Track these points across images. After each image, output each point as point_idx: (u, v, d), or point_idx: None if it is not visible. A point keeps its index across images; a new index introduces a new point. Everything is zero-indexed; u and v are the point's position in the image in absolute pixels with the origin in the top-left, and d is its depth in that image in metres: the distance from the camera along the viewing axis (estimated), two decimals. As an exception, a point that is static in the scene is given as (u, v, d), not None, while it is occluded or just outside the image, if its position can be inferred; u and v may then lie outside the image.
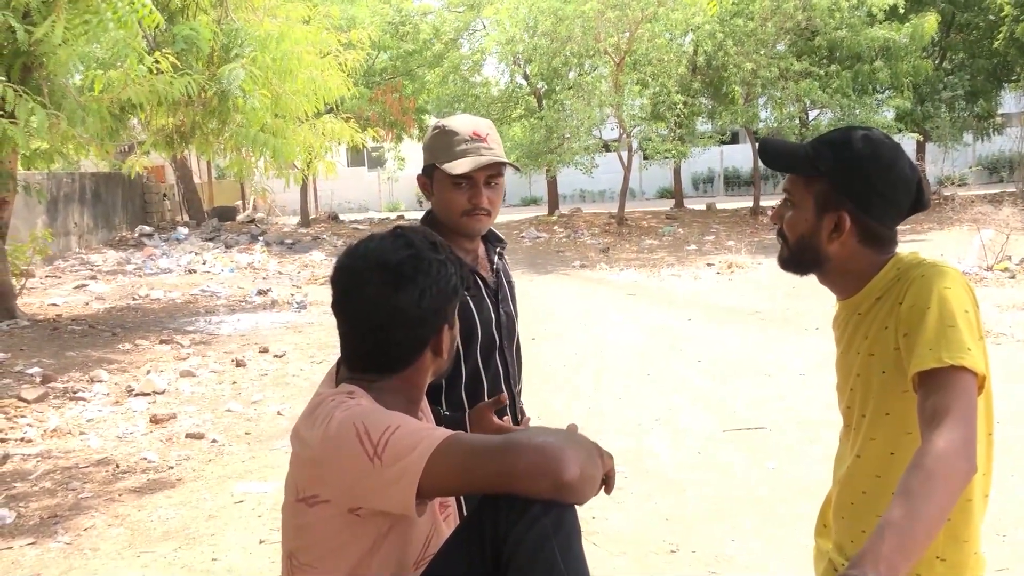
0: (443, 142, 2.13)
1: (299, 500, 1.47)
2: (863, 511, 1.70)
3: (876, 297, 1.67)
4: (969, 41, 23.32)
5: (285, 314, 11.46)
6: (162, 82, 8.33)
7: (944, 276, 1.55)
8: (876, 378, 1.65)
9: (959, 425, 1.38)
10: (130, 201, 21.43)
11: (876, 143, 1.64)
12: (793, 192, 1.69)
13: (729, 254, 15.91)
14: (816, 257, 1.68)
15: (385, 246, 1.49)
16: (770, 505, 4.60)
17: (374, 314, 1.46)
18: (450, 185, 2.11)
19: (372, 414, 1.39)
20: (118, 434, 6.24)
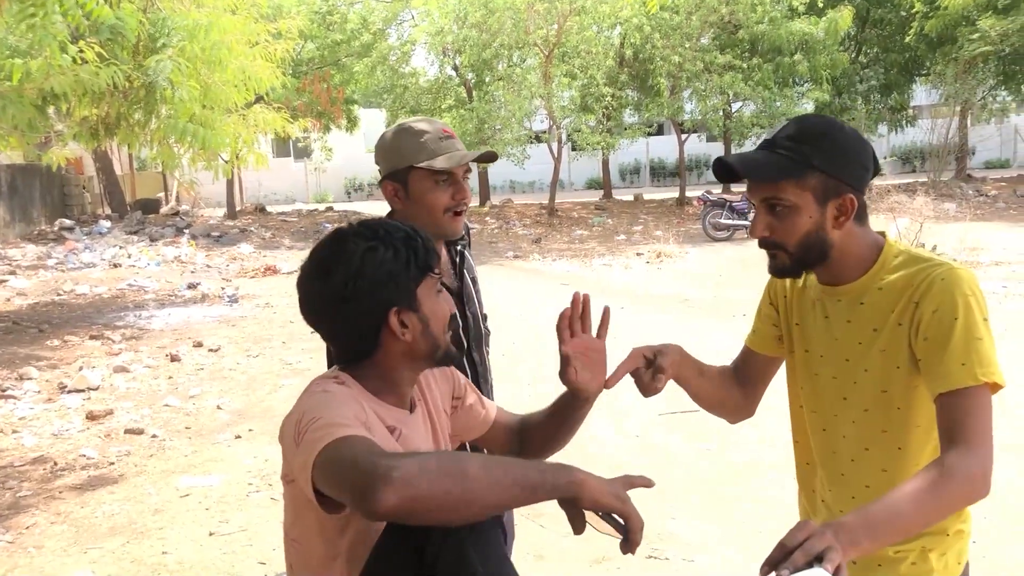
0: (415, 143, 2.11)
1: (282, 477, 1.52)
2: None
3: (879, 287, 1.68)
4: (883, 36, 24.21)
5: (217, 308, 11.31)
6: (87, 72, 8.14)
7: (962, 281, 1.57)
8: (889, 373, 1.67)
9: (979, 452, 1.46)
10: (48, 194, 20.75)
11: (835, 123, 1.71)
12: (783, 196, 1.65)
13: (657, 244, 16.25)
14: (824, 250, 1.68)
15: (321, 242, 1.55)
16: (708, 484, 4.80)
17: (313, 308, 1.52)
18: (432, 184, 2.10)
19: (319, 404, 1.41)
20: (53, 431, 6.13)
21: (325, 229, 20.43)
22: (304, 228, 20.82)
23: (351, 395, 1.48)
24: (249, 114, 11.79)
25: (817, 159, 1.64)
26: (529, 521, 4.38)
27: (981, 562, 3.81)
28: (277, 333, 9.50)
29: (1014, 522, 4.17)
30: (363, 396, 1.51)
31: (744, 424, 2.17)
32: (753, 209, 1.77)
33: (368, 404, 1.50)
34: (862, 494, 1.74)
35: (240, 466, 5.39)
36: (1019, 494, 4.48)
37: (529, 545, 4.11)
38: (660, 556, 3.96)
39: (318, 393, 1.46)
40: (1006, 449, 5.07)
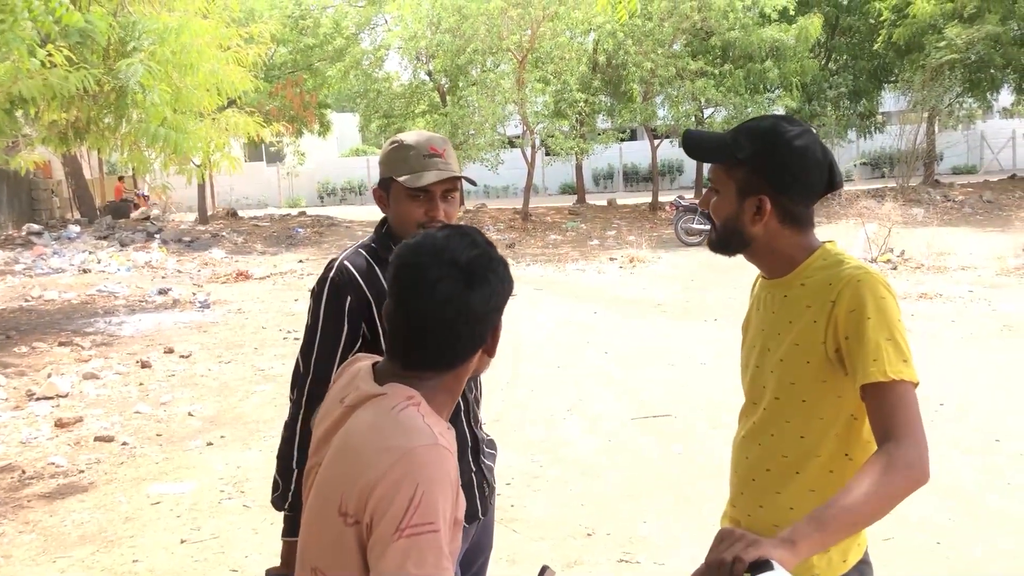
0: (400, 156, 2.20)
1: (341, 514, 1.37)
2: (764, 487, 1.79)
3: (802, 283, 1.75)
4: (852, 43, 24.50)
5: (188, 313, 11.23)
6: (56, 76, 8.07)
7: (876, 284, 1.65)
8: (799, 366, 1.72)
9: (912, 440, 1.53)
10: (16, 198, 20.52)
11: (790, 129, 1.74)
12: (716, 180, 1.78)
13: (631, 248, 16.35)
14: (741, 239, 1.77)
15: (453, 244, 1.45)
16: (679, 487, 4.84)
17: (445, 311, 1.42)
18: (406, 198, 2.18)
19: (437, 489, 1.33)
20: (21, 439, 6.06)
21: (298, 234, 20.33)
22: (276, 233, 20.71)
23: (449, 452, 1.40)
24: (221, 118, 11.72)
25: (744, 154, 1.72)
26: (502, 526, 4.41)
27: (944, 563, 3.88)
28: (249, 339, 9.45)
29: (979, 524, 4.24)
30: (439, 426, 1.43)
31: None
32: None
33: (443, 435, 1.42)
34: (762, 477, 1.80)
35: (212, 473, 5.36)
36: (983, 495, 4.56)
37: (502, 550, 4.13)
38: (632, 560, 4.00)
39: (432, 451, 1.35)
40: (969, 452, 5.16)
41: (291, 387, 2.24)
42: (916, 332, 8.45)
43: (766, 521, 1.77)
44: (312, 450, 1.55)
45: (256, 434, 6.09)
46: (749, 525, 1.81)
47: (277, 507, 2.19)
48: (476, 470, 2.31)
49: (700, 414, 6.11)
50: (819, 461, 1.73)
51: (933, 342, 8.10)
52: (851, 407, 1.69)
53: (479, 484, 2.31)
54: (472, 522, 2.27)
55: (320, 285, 2.19)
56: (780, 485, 1.77)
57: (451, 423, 2.24)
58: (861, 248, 12.87)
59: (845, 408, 1.70)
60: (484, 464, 2.37)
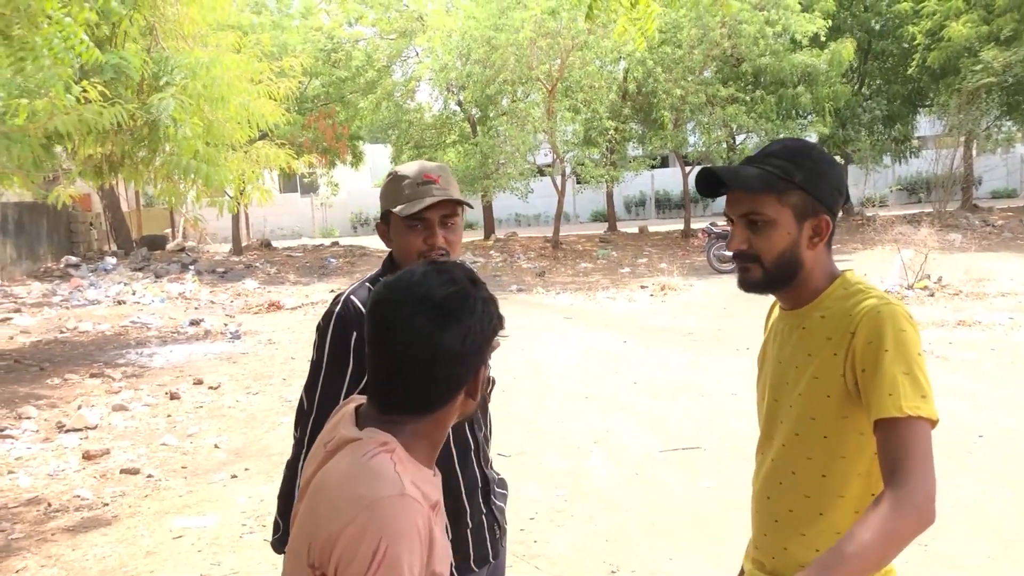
0: (395, 188, 2.16)
1: (309, 565, 1.32)
2: (788, 529, 1.73)
3: (821, 315, 1.70)
4: (885, 68, 24.31)
5: (219, 344, 11.29)
6: (91, 112, 8.21)
7: (897, 316, 1.59)
8: (819, 401, 1.67)
9: (920, 480, 1.47)
10: (55, 231, 20.89)
11: (815, 145, 1.73)
12: (763, 211, 1.68)
13: (662, 276, 16.22)
14: (795, 269, 1.70)
15: (429, 281, 1.39)
16: (707, 523, 4.72)
17: (418, 351, 1.36)
18: (404, 228, 2.13)
19: (404, 544, 1.26)
20: (49, 472, 6.08)
21: (330, 264, 20.48)
22: (309, 263, 20.87)
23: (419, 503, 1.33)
24: (252, 150, 11.86)
25: (799, 176, 1.67)
26: (524, 563, 4.32)
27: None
28: (278, 370, 9.46)
29: (1020, 561, 4.07)
30: (412, 468, 1.37)
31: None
32: (731, 222, 1.77)
33: (416, 481, 1.36)
34: (785, 518, 1.74)
35: (235, 506, 5.33)
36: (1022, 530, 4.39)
37: (523, 587, 4.04)
38: (656, 598, 3.89)
39: (398, 503, 1.29)
40: (1010, 484, 4.98)
41: (295, 425, 2.20)
42: (954, 360, 8.25)
43: (792, 564, 1.70)
44: (299, 495, 1.50)
45: (280, 466, 5.99)
46: (774, 568, 1.75)
47: (277, 550, 2.14)
48: (487, 512, 2.23)
49: (730, 447, 5.98)
50: (844, 502, 1.67)
51: (972, 371, 7.88)
52: (874, 445, 1.61)
53: (489, 526, 2.23)
54: (482, 566, 2.20)
55: (326, 320, 2.15)
56: (804, 526, 1.70)
57: (461, 464, 2.19)
58: (897, 275, 12.64)
59: (868, 446, 1.63)
60: (495, 505, 2.28)
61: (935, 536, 4.18)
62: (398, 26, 23.09)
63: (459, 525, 2.15)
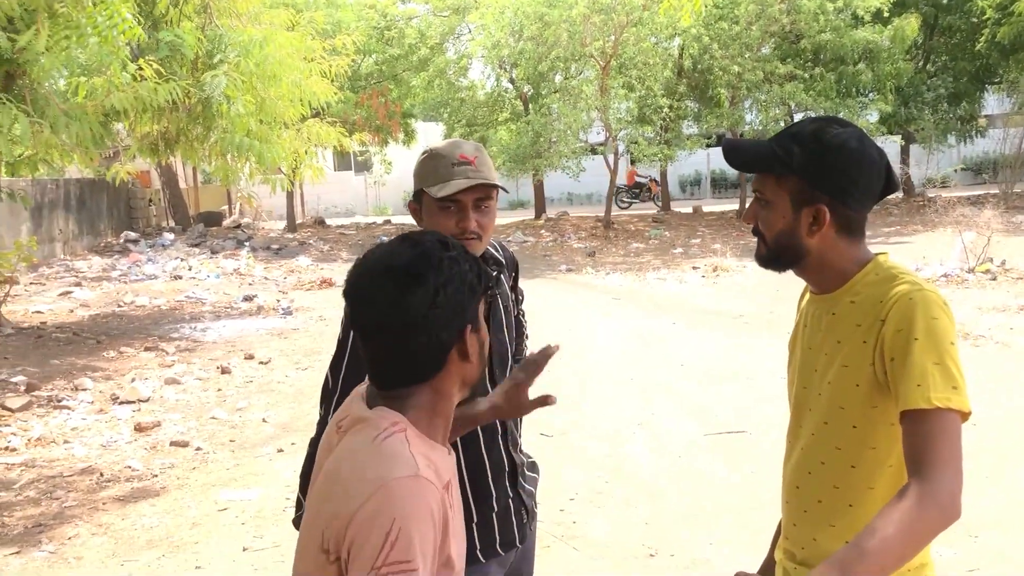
0: (429, 167, 2.10)
1: (323, 551, 1.31)
2: (818, 519, 1.69)
3: (851, 300, 1.64)
4: (951, 44, 23.52)
5: (271, 320, 11.46)
6: (146, 89, 8.35)
7: (930, 303, 1.53)
8: (848, 390, 1.62)
9: (947, 473, 1.41)
10: (115, 207, 21.38)
11: (840, 131, 1.63)
12: (764, 190, 1.66)
13: (714, 257, 15.99)
14: (797, 253, 1.66)
15: (391, 249, 1.41)
16: (748, 509, 4.65)
17: (388, 321, 1.35)
18: (437, 209, 2.07)
19: (415, 525, 1.25)
20: (102, 442, 6.24)
21: (382, 242, 20.61)
22: (362, 241, 21.05)
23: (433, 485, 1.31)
24: (304, 128, 11.96)
25: (798, 162, 1.60)
26: (562, 544, 4.31)
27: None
28: (328, 346, 9.50)
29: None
30: (424, 447, 1.36)
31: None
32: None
33: (430, 460, 1.35)
34: (814, 508, 1.70)
35: (280, 481, 5.41)
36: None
37: (560, 568, 4.04)
38: (694, 584, 3.85)
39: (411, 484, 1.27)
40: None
41: (320, 403, 2.18)
42: (1016, 347, 7.99)
43: (822, 554, 1.63)
44: (313, 476, 1.49)
45: (325, 442, 6.13)
46: (804, 559, 1.71)
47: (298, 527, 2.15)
48: (514, 495, 2.19)
49: (776, 432, 5.86)
50: (873, 493, 1.62)
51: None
52: None
53: (516, 510, 2.19)
54: (509, 550, 2.17)
55: None
56: (834, 518, 1.66)
57: (488, 447, 2.16)
58: (957, 258, 12.27)
59: (898, 437, 1.55)
60: (524, 488, 2.23)
61: (984, 527, 4.06)
62: (451, 3, 23.02)
63: (485, 509, 2.13)
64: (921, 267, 12.39)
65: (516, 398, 1.87)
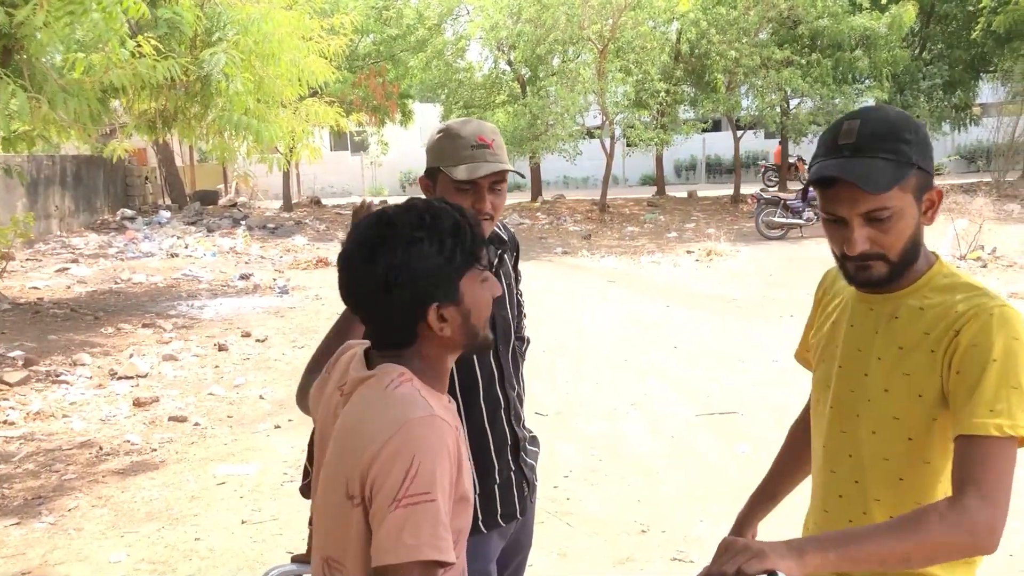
0: (449, 146, 2.13)
1: (348, 496, 1.37)
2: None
3: (919, 306, 1.53)
4: (948, 32, 23.53)
5: (267, 298, 11.51)
6: (144, 66, 8.34)
7: (1011, 321, 1.43)
8: (908, 400, 1.52)
9: (994, 503, 1.34)
10: (112, 184, 21.34)
11: (903, 113, 1.55)
12: (891, 204, 1.48)
13: (709, 241, 16.07)
14: (916, 252, 1.54)
15: (367, 222, 1.47)
16: (740, 488, 4.71)
17: (352, 292, 1.46)
18: (453, 190, 2.11)
19: (434, 460, 1.32)
20: (101, 417, 6.30)
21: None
22: (357, 221, 21.03)
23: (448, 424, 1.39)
24: (302, 107, 11.96)
25: (916, 155, 1.49)
26: (556, 519, 4.39)
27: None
28: (324, 324, 9.61)
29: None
30: (430, 394, 1.43)
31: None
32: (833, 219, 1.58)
33: (441, 404, 1.43)
34: (859, 520, 1.61)
35: (277, 456, 5.48)
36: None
37: (554, 543, 4.12)
38: (685, 559, 3.93)
39: (429, 422, 1.34)
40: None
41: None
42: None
43: None
44: (317, 443, 1.55)
45: (322, 419, 6.20)
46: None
47: (305, 495, 2.21)
48: (516, 469, 2.25)
49: (768, 413, 5.97)
50: None
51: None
52: None
53: (518, 483, 2.25)
54: (510, 522, 2.23)
55: None
56: None
57: (491, 421, 2.23)
58: (949, 244, 12.37)
59: None
60: (525, 462, 2.29)
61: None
62: (450, -16, 22.94)
63: (487, 481, 2.18)
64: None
65: None
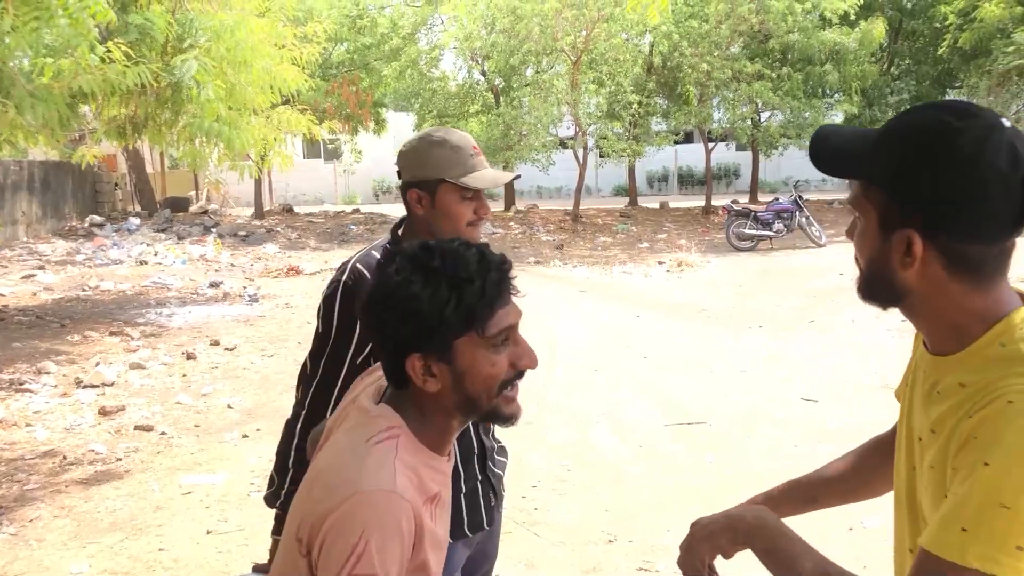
0: (452, 157, 2.14)
1: (297, 539, 1.35)
2: None
3: (960, 383, 1.17)
4: (915, 48, 23.95)
5: (237, 307, 11.43)
6: (114, 72, 8.28)
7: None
8: (933, 502, 1.19)
9: None
10: (80, 190, 21.11)
11: (955, 127, 1.13)
12: (855, 202, 1.24)
13: (680, 252, 16.18)
14: (892, 289, 1.22)
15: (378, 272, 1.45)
16: (707, 497, 4.76)
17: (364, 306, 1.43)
18: (459, 199, 2.14)
19: (384, 539, 1.28)
20: (65, 426, 6.22)
21: (351, 231, 20.58)
22: (330, 229, 20.97)
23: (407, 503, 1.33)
24: (274, 115, 11.92)
25: (879, 167, 1.18)
26: (523, 529, 4.39)
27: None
28: (294, 334, 9.57)
29: None
30: (416, 458, 1.39)
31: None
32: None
33: (416, 473, 1.38)
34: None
35: (244, 465, 5.44)
36: None
37: (521, 553, 4.12)
38: (651, 568, 3.95)
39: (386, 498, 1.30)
40: None
41: (297, 386, 2.23)
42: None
43: None
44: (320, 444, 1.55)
45: (291, 428, 6.16)
46: None
47: (269, 504, 2.20)
48: (482, 479, 2.24)
49: (736, 423, 6.02)
50: None
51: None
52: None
53: (485, 493, 2.24)
54: (477, 531, 2.22)
55: (332, 288, 2.11)
56: None
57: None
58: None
59: None
60: (492, 472, 2.28)
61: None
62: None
63: (454, 490, 2.19)
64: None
65: None
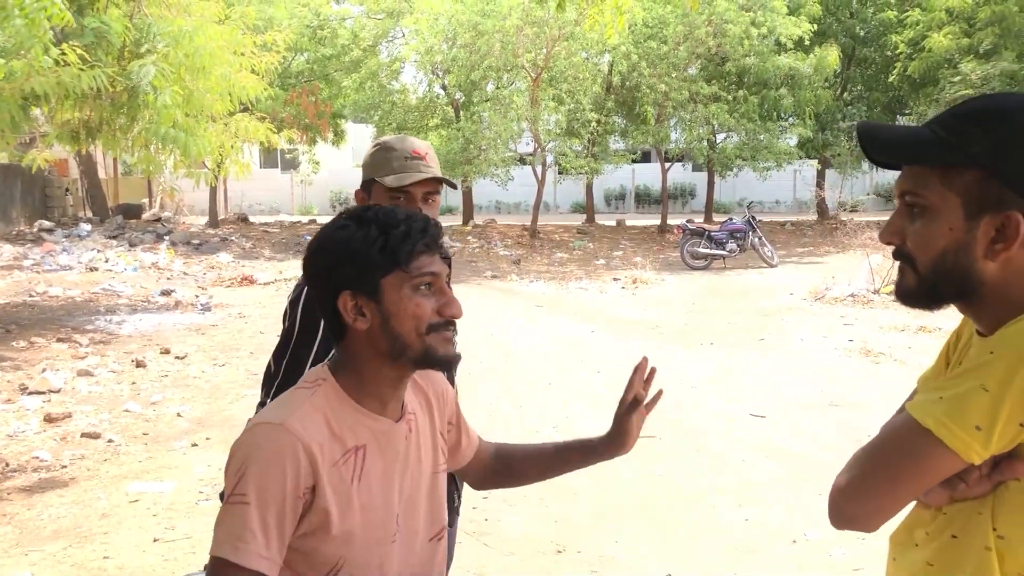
0: (382, 157, 2.23)
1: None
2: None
3: (990, 351, 1.17)
4: (867, 75, 24.55)
5: (189, 315, 11.29)
6: (69, 74, 8.19)
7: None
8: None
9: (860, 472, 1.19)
10: (30, 194, 20.72)
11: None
12: (923, 193, 1.19)
13: (635, 270, 16.34)
14: (965, 282, 1.18)
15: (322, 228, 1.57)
16: (655, 509, 4.83)
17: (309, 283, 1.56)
18: (387, 199, 2.19)
19: (261, 467, 1.36)
20: (9, 432, 6.10)
21: (306, 241, 20.46)
22: (285, 239, 20.83)
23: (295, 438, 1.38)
24: (231, 122, 11.84)
25: (979, 147, 1.14)
26: (474, 539, 4.42)
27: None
28: (246, 343, 9.49)
29: None
30: (336, 405, 1.45)
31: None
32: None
33: (336, 419, 1.44)
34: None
35: (193, 474, 5.39)
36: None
37: (472, 563, 4.14)
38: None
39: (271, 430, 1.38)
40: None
41: (262, 387, 2.25)
42: (911, 364, 8.42)
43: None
44: None
45: (241, 437, 6.11)
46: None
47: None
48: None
49: (684, 438, 6.11)
50: None
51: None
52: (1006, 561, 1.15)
53: (449, 493, 2.29)
54: None
55: (297, 291, 2.17)
56: None
57: None
58: (864, 279, 12.83)
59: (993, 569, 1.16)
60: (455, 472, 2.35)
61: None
62: (385, 6, 23.01)
63: None
64: (831, 287, 12.92)
65: (620, 432, 1.85)
